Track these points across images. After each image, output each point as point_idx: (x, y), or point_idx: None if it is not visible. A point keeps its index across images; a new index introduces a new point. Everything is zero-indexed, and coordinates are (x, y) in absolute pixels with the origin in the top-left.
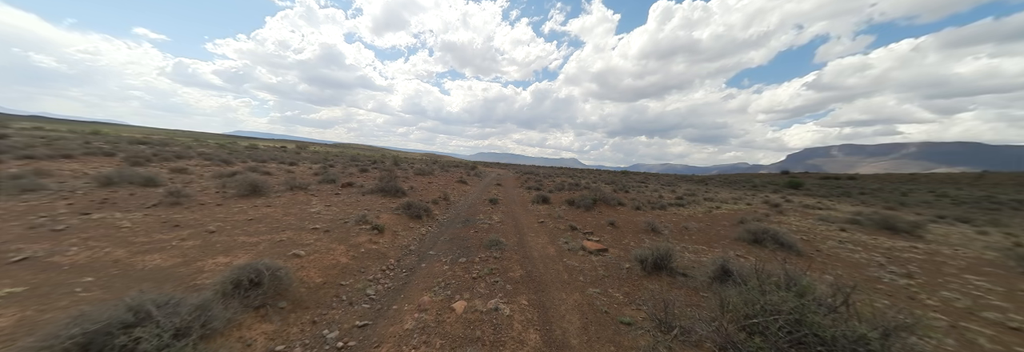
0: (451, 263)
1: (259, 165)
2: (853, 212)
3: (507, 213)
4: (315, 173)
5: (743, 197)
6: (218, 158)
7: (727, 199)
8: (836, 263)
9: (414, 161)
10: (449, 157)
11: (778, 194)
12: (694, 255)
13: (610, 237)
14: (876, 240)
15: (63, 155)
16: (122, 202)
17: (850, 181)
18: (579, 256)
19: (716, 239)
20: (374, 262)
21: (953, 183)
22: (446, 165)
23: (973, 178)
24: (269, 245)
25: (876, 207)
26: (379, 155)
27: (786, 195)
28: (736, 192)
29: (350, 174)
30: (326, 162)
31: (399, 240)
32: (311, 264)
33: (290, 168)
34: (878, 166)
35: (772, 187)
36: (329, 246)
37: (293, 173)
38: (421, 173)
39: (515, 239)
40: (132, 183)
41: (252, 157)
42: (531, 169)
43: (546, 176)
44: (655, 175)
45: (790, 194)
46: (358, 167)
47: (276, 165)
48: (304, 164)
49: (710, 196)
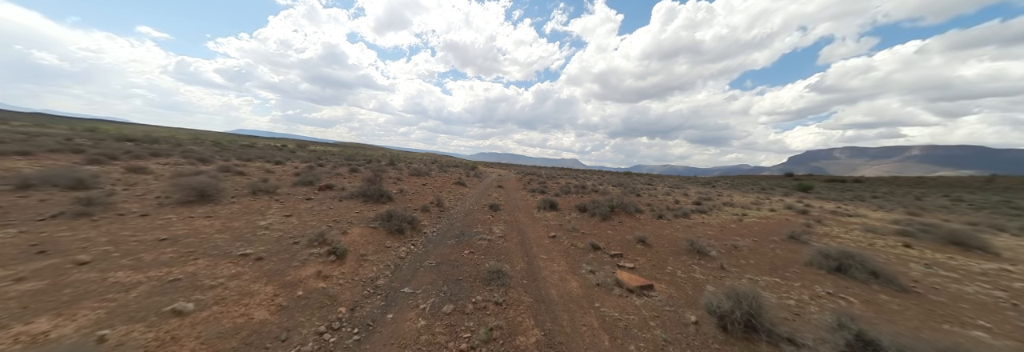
0: (431, 315)
1: (239, 164)
2: (890, 220)
3: (511, 223)
4: (297, 173)
5: (760, 202)
6: (197, 156)
7: (746, 204)
8: (960, 305)
9: (412, 160)
10: (450, 157)
11: (791, 197)
12: (774, 295)
13: (646, 262)
14: (956, 260)
15: (19, 152)
16: (16, 211)
17: (857, 183)
18: (616, 297)
19: (782, 265)
20: (312, 315)
21: (962, 187)
22: (445, 165)
23: (982, 182)
24: (151, 288)
25: (900, 213)
26: (379, 154)
27: (800, 199)
28: (748, 195)
29: (336, 174)
30: (317, 161)
31: (364, 270)
32: (197, 328)
33: (273, 167)
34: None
35: (782, 190)
36: (248, 287)
37: (273, 173)
38: (416, 174)
39: (523, 265)
40: (55, 185)
41: (238, 155)
42: (533, 170)
43: (549, 177)
44: (659, 176)
45: (802, 197)
46: (349, 167)
47: (260, 164)
48: (292, 162)
49: (727, 200)
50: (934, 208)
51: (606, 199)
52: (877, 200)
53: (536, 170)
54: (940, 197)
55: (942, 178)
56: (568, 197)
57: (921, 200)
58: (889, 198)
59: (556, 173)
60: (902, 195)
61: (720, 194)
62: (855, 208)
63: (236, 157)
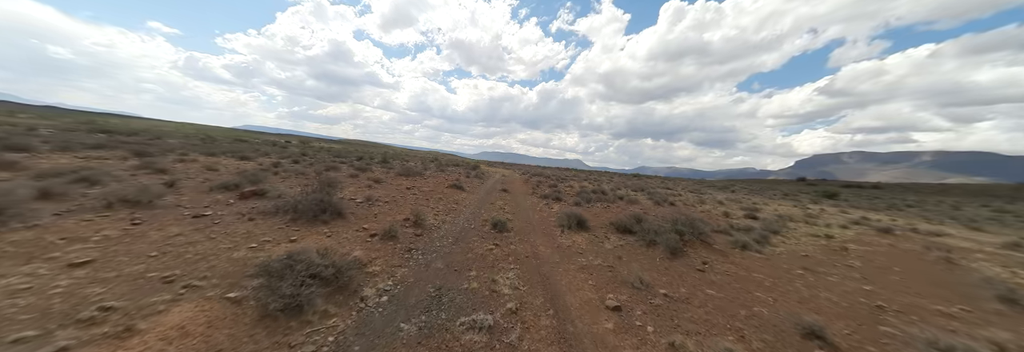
0: None
1: (190, 159)
2: (1003, 244)
3: (527, 263)
4: (240, 172)
5: (814, 215)
6: (149, 149)
7: (796, 216)
8: None
9: (410, 158)
10: (452, 156)
11: (823, 205)
12: None
13: None
14: None
15: None
16: None
17: (876, 190)
18: None
19: None
20: None
21: (989, 195)
22: (444, 164)
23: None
24: None
25: (953, 226)
26: (379, 152)
27: (844, 209)
28: (781, 202)
29: (299, 173)
30: (295, 157)
31: None
32: None
33: (231, 164)
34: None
35: (806, 196)
36: None
37: (215, 172)
38: (406, 174)
39: None
40: None
41: (210, 150)
42: (539, 171)
43: (559, 179)
44: (671, 179)
45: (836, 205)
46: (326, 165)
47: (220, 159)
48: (266, 159)
49: (775, 211)
50: (983, 219)
51: (666, 217)
52: (914, 210)
53: (542, 171)
54: (979, 207)
55: (966, 185)
56: (592, 208)
57: (959, 210)
58: (925, 207)
59: (564, 174)
60: (935, 204)
61: (755, 203)
62: (920, 222)
63: (204, 152)
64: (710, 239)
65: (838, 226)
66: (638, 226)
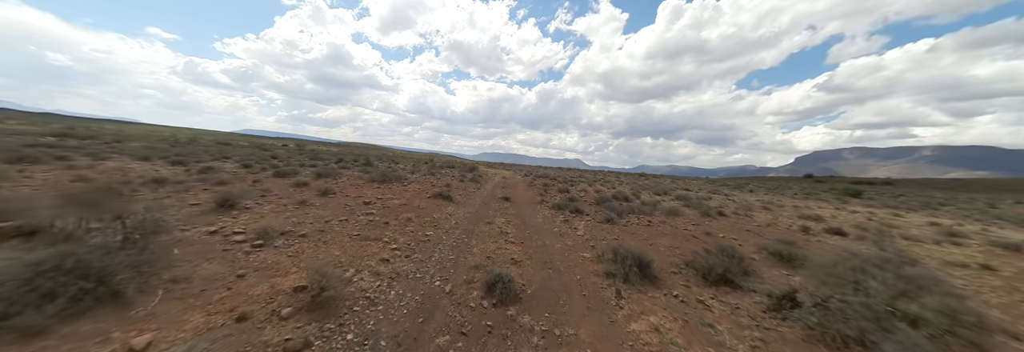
0: None
1: (92, 164)
2: None
3: None
4: (122, 180)
5: (896, 225)
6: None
7: (859, 223)
8: None
9: (402, 159)
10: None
11: (856, 204)
12: None
13: None
14: None
15: None
16: None
17: (888, 186)
18: None
19: None
20: None
21: (1007, 190)
22: (439, 165)
23: None
24: None
25: None
26: (375, 154)
27: (895, 211)
28: (818, 203)
29: (218, 183)
30: (256, 160)
31: None
32: None
33: (159, 169)
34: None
35: (830, 195)
36: None
37: (87, 181)
38: (382, 179)
39: None
40: None
41: (155, 154)
42: (542, 171)
43: (567, 181)
44: (681, 179)
45: (865, 205)
46: (276, 170)
47: (152, 165)
48: (216, 163)
49: (850, 222)
50: None
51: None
52: (949, 208)
53: (545, 171)
54: (1014, 204)
55: (984, 180)
56: (629, 225)
57: (997, 208)
58: (959, 205)
59: (569, 175)
60: (966, 201)
61: (800, 207)
62: (978, 225)
63: (139, 156)
64: None
65: (945, 241)
66: (748, 280)
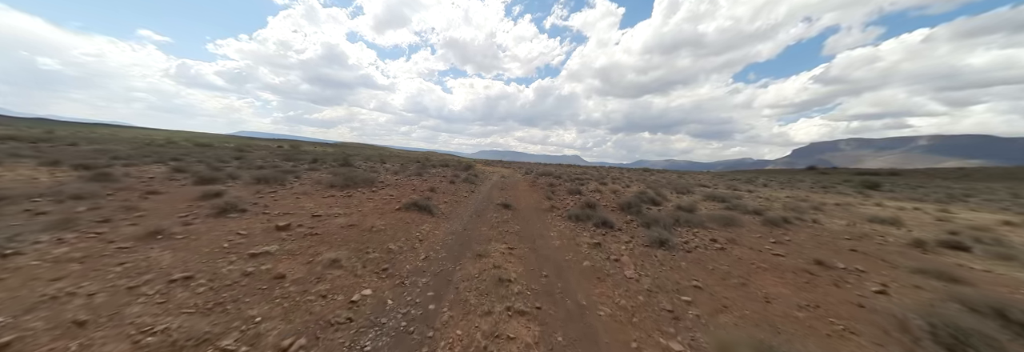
0: None
1: None
2: None
3: None
4: None
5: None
6: None
7: (922, 223)
8: None
9: (393, 158)
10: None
11: (885, 200)
12: None
13: None
14: None
15: None
16: None
17: (896, 176)
18: None
19: None
20: None
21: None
22: (431, 164)
23: None
24: None
25: None
26: (367, 153)
27: (944, 208)
28: (841, 196)
29: (74, 197)
30: (208, 161)
31: None
32: None
33: (58, 173)
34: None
35: (848, 186)
36: None
37: None
38: (346, 184)
39: None
40: None
41: (88, 158)
42: (544, 169)
43: (572, 179)
44: (689, 173)
45: (894, 198)
46: (195, 178)
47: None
48: (152, 167)
49: (968, 223)
50: None
51: None
52: (975, 200)
53: (547, 168)
54: None
55: (989, 169)
56: (705, 253)
57: (1022, 198)
58: (986, 197)
59: (572, 172)
60: (987, 191)
61: (827, 203)
62: None
63: (44, 163)
64: None
65: None
66: None
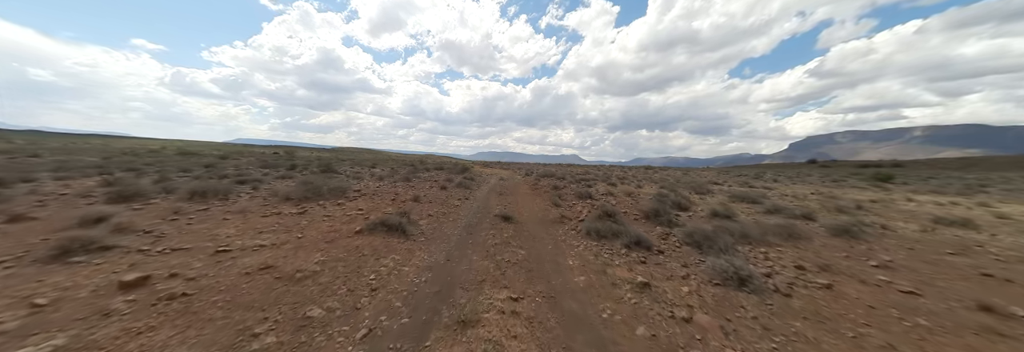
0: None
1: None
2: None
3: None
4: None
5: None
6: None
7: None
8: None
9: (386, 162)
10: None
11: (896, 193)
12: None
13: None
14: None
15: None
16: None
17: (899, 168)
18: None
19: None
20: None
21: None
22: (424, 168)
23: None
24: None
25: None
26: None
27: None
28: (858, 191)
29: None
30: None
31: None
32: None
33: None
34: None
35: (859, 179)
36: None
37: None
38: (308, 195)
39: None
40: None
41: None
42: (544, 169)
43: (578, 180)
44: (694, 170)
45: (916, 191)
46: (119, 189)
47: None
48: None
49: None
50: None
51: None
52: (994, 191)
53: (548, 169)
54: None
55: (996, 158)
56: (812, 299)
57: None
58: (1004, 187)
59: (574, 171)
60: (1002, 181)
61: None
62: None
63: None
64: None
65: None
66: None
